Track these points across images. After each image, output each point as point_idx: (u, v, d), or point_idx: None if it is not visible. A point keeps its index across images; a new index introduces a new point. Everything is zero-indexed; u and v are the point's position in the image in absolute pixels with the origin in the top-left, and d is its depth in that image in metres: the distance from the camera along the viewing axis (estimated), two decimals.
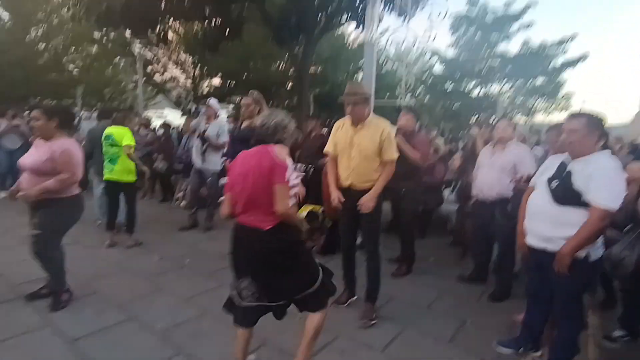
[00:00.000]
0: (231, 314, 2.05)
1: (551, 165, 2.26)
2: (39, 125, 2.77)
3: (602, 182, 1.96)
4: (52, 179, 2.68)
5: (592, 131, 2.05)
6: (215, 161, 5.03)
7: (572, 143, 2.08)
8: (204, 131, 4.85)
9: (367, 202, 2.74)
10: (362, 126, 2.78)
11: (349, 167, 2.81)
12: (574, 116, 2.17)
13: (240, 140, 4.01)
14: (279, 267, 1.93)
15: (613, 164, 2.03)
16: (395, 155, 2.84)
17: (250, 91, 4.28)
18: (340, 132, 2.89)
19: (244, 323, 2.02)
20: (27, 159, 2.79)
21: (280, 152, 1.92)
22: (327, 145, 3.00)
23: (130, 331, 2.56)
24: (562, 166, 2.16)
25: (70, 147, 2.77)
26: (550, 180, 2.16)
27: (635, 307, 2.71)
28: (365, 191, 2.77)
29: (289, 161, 1.93)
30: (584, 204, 1.99)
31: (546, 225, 2.13)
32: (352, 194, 2.81)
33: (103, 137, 4.23)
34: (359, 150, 2.77)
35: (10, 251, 3.91)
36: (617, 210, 1.99)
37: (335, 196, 2.87)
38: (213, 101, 5.14)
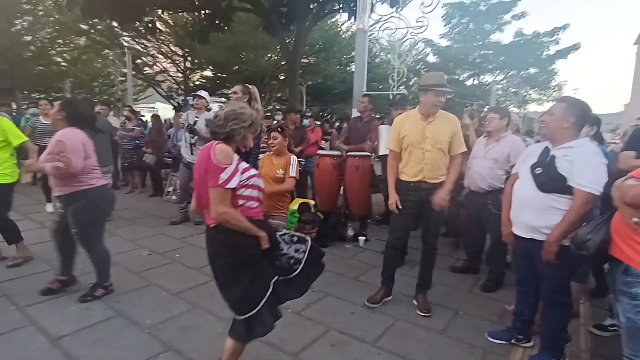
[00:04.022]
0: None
1: (533, 152, 2.25)
2: (50, 114, 2.85)
3: (584, 166, 1.97)
4: (51, 163, 2.65)
5: (569, 115, 2.06)
6: None
7: (547, 125, 2.13)
8: (194, 123, 4.75)
9: (442, 200, 2.70)
10: (433, 118, 2.70)
11: (422, 161, 2.70)
12: (558, 100, 2.21)
13: None
14: (219, 271, 1.86)
15: (594, 149, 2.05)
16: (464, 148, 2.81)
17: (245, 85, 4.21)
18: (408, 125, 2.75)
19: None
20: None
21: (221, 151, 1.74)
22: (389, 142, 2.88)
23: (117, 328, 2.50)
24: (545, 152, 2.15)
25: (65, 136, 2.66)
26: (533, 167, 2.15)
27: None
28: (434, 187, 2.70)
29: (230, 161, 1.74)
30: (568, 191, 2.00)
31: (532, 214, 2.12)
32: (419, 190, 2.72)
33: None
34: (432, 143, 2.67)
35: None
36: (604, 198, 1.97)
37: (394, 200, 2.77)
38: (203, 92, 5.04)
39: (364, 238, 4.43)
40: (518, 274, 2.45)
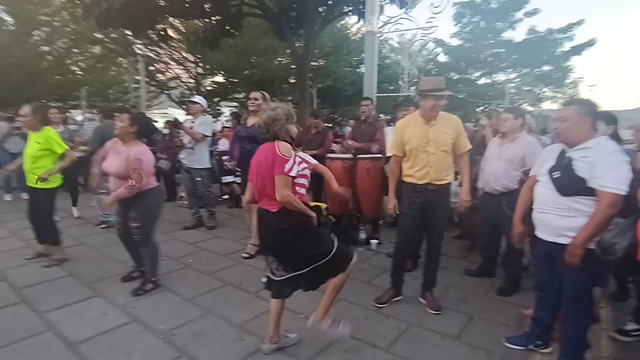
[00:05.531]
0: (270, 290, 2.32)
1: (550, 154, 2.20)
2: (121, 127, 3.01)
3: (606, 166, 1.91)
4: (122, 187, 2.92)
5: (583, 118, 2.01)
6: (202, 159, 4.94)
7: (564, 131, 2.05)
8: (190, 127, 4.80)
9: (466, 202, 2.80)
10: (435, 121, 2.74)
11: (427, 164, 2.74)
12: (565, 104, 2.15)
13: (249, 139, 3.95)
14: (288, 244, 2.15)
15: (613, 147, 1.99)
16: (469, 145, 2.88)
17: (262, 92, 4.27)
18: (410, 130, 2.79)
19: (279, 295, 2.28)
20: (110, 165, 3.04)
21: (284, 147, 2.13)
22: (392, 147, 2.95)
23: (133, 333, 2.54)
24: (562, 155, 2.10)
25: (142, 155, 2.97)
26: (551, 171, 2.10)
27: None
28: (439, 188, 2.76)
29: (291, 154, 2.12)
30: (590, 192, 1.94)
31: (555, 217, 2.07)
32: (426, 191, 2.77)
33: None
34: (436, 146, 2.72)
35: (14, 254, 3.92)
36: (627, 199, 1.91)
37: (394, 204, 2.88)
38: (197, 98, 5.11)
39: (376, 241, 4.39)
40: (539, 278, 2.39)
